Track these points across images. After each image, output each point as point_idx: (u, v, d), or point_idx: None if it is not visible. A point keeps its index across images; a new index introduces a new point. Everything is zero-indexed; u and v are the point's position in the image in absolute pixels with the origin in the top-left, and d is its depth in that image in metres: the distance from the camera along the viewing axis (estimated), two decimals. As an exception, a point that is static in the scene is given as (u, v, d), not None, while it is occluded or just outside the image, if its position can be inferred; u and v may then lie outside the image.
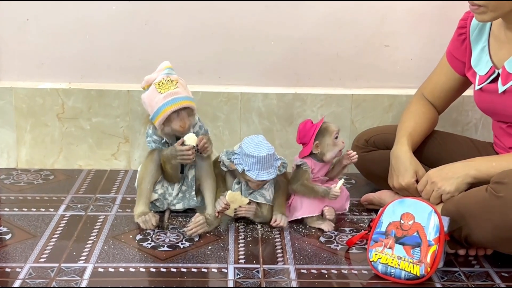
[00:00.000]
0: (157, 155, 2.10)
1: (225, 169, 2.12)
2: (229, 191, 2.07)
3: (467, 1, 1.91)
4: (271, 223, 2.09)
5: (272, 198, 2.13)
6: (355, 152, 2.15)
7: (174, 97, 1.99)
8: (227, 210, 2.07)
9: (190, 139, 2.03)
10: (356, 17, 2.50)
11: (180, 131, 2.02)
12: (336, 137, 2.12)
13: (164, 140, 2.09)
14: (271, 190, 2.14)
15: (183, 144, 2.03)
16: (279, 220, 2.09)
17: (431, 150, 2.22)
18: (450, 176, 1.92)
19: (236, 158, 2.07)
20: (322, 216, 2.13)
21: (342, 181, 2.12)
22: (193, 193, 2.16)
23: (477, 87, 2.04)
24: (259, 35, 2.51)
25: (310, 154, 2.13)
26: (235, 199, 2.07)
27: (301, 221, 2.14)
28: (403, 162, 2.09)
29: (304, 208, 2.11)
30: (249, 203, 2.10)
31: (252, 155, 2.02)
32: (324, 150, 2.11)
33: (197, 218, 2.03)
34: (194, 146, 2.04)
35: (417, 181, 2.08)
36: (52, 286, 1.74)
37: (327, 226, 2.10)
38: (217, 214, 2.06)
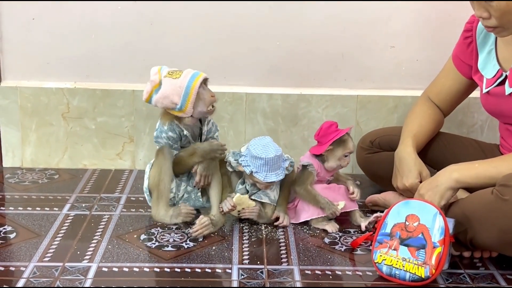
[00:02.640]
0: (167, 152, 2.08)
1: (231, 170, 2.12)
2: (238, 194, 2.08)
3: (468, 4, 1.91)
4: (275, 223, 2.10)
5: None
6: (356, 196, 2.15)
7: (192, 73, 2.04)
8: (233, 211, 2.07)
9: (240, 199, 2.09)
10: (362, 18, 2.50)
11: (214, 101, 2.04)
12: (346, 155, 2.12)
13: (184, 133, 2.07)
14: (276, 191, 2.14)
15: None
16: (282, 219, 2.10)
17: (436, 151, 2.22)
18: (434, 185, 1.89)
19: (243, 160, 2.07)
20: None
21: (344, 203, 2.12)
22: (199, 194, 2.16)
23: (484, 91, 2.03)
24: (264, 35, 2.51)
25: (319, 156, 2.13)
26: (242, 202, 2.08)
27: (305, 222, 2.14)
28: (407, 163, 2.08)
29: (312, 209, 2.11)
30: (260, 214, 2.11)
31: (260, 157, 2.02)
32: (329, 158, 2.12)
33: (202, 219, 2.03)
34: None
35: (421, 182, 2.08)
36: (56, 285, 1.74)
37: (331, 227, 2.10)
38: (221, 209, 2.07)
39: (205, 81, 2.05)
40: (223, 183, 2.14)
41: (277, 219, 2.12)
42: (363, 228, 2.10)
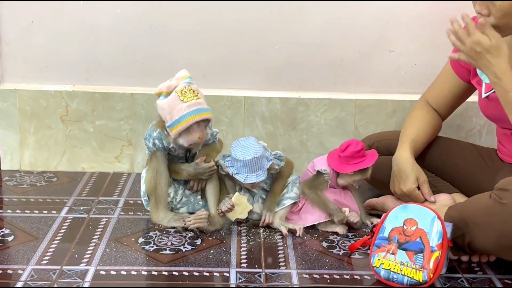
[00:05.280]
0: (160, 155, 2.08)
1: (223, 173, 2.13)
2: (237, 193, 2.08)
3: (472, 7, 1.91)
4: (260, 224, 2.11)
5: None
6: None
7: (198, 107, 1.98)
8: (231, 211, 2.07)
9: (240, 199, 2.09)
10: (360, 22, 2.50)
11: (198, 143, 2.02)
12: (358, 181, 2.12)
13: (171, 146, 2.07)
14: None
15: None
16: (264, 217, 2.10)
17: (434, 156, 2.22)
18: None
19: (228, 161, 2.08)
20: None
21: (348, 209, 2.13)
22: (198, 197, 2.16)
23: (483, 95, 2.03)
24: (263, 39, 2.51)
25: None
26: (241, 202, 2.08)
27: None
28: (404, 168, 2.09)
29: (318, 213, 2.10)
30: (251, 210, 2.11)
31: (239, 159, 2.03)
32: (344, 176, 2.11)
33: (201, 212, 2.05)
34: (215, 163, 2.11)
35: (418, 188, 2.08)
36: (54, 288, 1.74)
37: (342, 229, 2.09)
38: (219, 211, 2.07)
39: (206, 121, 2.01)
40: (220, 186, 2.14)
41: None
42: (340, 232, 2.10)
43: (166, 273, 1.84)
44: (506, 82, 1.83)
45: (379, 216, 2.10)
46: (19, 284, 1.75)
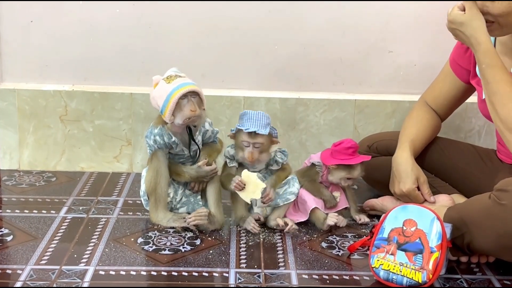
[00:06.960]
0: (161, 155, 2.08)
1: (232, 164, 2.12)
2: (245, 170, 2.06)
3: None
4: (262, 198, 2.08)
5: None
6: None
7: (181, 82, 2.00)
8: (241, 189, 2.04)
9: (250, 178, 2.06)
10: (360, 22, 2.50)
11: (192, 116, 1.99)
12: (348, 179, 2.14)
13: (173, 139, 2.07)
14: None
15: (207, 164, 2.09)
16: (270, 194, 2.06)
17: (434, 156, 2.22)
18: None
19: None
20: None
21: (339, 194, 2.17)
22: (199, 197, 2.16)
23: (484, 96, 2.02)
24: (262, 39, 2.51)
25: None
26: (250, 180, 2.04)
27: (303, 226, 2.13)
28: (404, 169, 2.09)
29: (311, 199, 2.13)
30: (265, 188, 2.05)
31: (245, 112, 2.06)
32: (333, 172, 2.14)
33: (201, 209, 2.06)
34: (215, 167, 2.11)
35: (418, 188, 2.09)
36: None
37: (331, 219, 2.10)
38: (233, 187, 2.04)
39: (193, 94, 2.00)
40: (220, 187, 2.14)
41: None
42: (331, 223, 2.11)
43: (165, 273, 1.84)
44: (480, 54, 1.87)
45: (378, 217, 2.10)
46: (18, 284, 1.75)
